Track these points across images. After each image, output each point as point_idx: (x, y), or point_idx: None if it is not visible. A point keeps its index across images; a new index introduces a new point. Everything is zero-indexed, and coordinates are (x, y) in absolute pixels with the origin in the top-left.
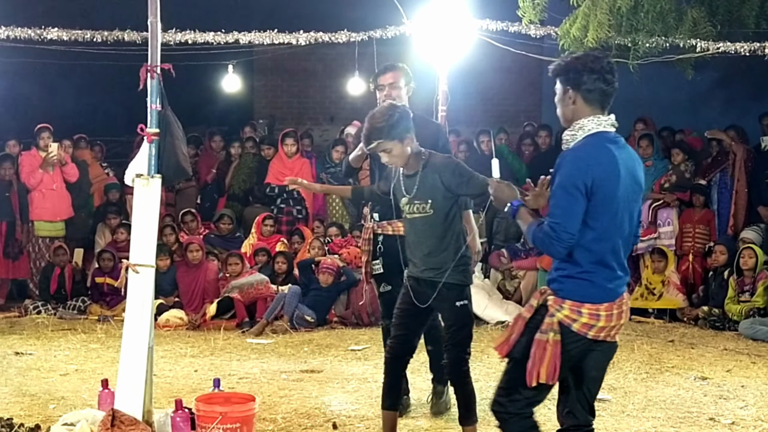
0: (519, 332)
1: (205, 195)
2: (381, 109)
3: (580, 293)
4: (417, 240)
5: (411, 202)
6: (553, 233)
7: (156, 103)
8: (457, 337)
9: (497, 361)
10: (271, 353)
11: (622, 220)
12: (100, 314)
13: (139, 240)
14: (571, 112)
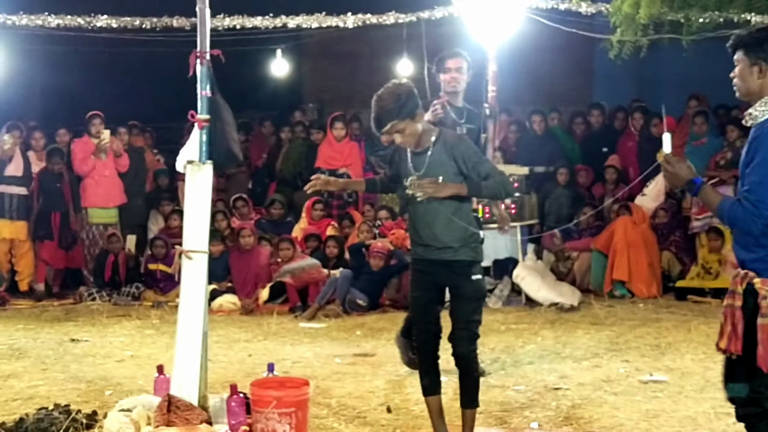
0: (741, 322)
1: (256, 180)
2: (387, 90)
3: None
4: (427, 220)
5: (420, 179)
6: (756, 210)
7: (206, 89)
8: (472, 311)
9: (551, 344)
10: (324, 337)
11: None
12: (154, 300)
13: (192, 226)
14: (758, 86)
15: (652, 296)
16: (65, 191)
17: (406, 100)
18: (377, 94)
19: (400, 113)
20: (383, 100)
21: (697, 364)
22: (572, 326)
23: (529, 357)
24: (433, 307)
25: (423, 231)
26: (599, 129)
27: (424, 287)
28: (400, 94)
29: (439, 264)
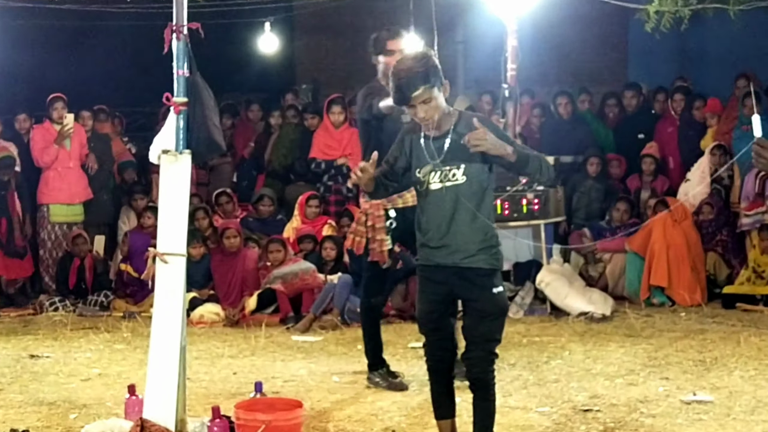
0: None
1: (242, 172)
2: (414, 55)
3: None
4: (441, 216)
5: (438, 168)
6: None
7: (183, 68)
8: (492, 330)
9: (580, 359)
10: (320, 352)
11: None
12: (126, 310)
13: (168, 226)
14: None
15: (696, 304)
16: (10, 200)
17: (435, 65)
18: (400, 59)
19: (431, 79)
20: (409, 64)
21: (747, 382)
22: (604, 339)
23: (554, 374)
24: (445, 321)
25: (437, 228)
26: (635, 113)
27: (434, 298)
28: (428, 57)
29: (452, 271)
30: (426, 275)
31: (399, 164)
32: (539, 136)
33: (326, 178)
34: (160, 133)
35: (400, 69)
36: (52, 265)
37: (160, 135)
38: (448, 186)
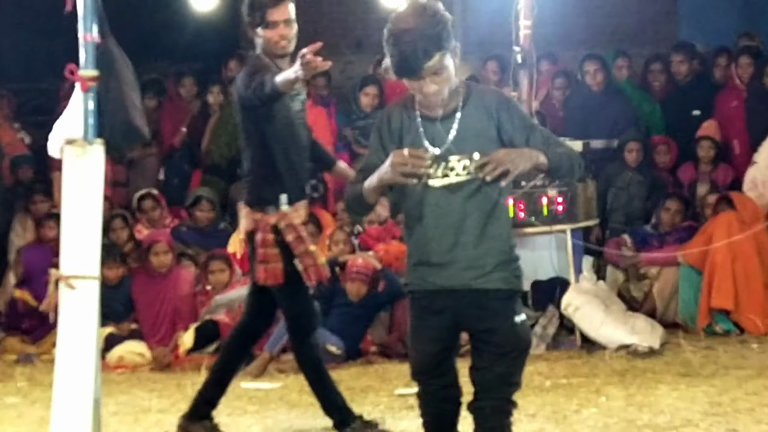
0: None
1: (172, 167)
2: (419, 8)
3: None
4: (447, 222)
5: (442, 159)
6: None
7: (91, 30)
8: (511, 372)
9: (621, 406)
10: (278, 403)
11: None
12: (21, 352)
13: (74, 239)
14: None
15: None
16: None
17: (447, 22)
18: (397, 15)
19: (442, 44)
20: (416, 22)
21: None
22: (652, 379)
23: (588, 427)
24: (448, 363)
25: (440, 238)
26: (688, 82)
27: (435, 334)
28: (438, 12)
29: (459, 295)
30: (423, 304)
31: (386, 153)
32: (563, 114)
33: None
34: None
35: (404, 29)
36: None
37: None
38: (456, 183)
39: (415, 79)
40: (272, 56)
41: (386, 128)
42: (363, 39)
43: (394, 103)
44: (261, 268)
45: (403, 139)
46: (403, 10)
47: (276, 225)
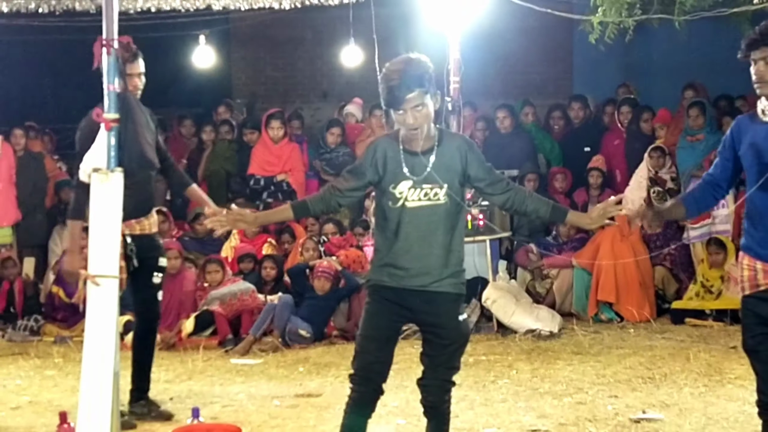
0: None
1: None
2: (408, 58)
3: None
4: (419, 236)
5: (418, 186)
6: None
7: (114, 83)
8: (453, 358)
9: (527, 378)
10: (260, 375)
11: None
12: (57, 335)
13: (99, 246)
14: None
15: (644, 320)
16: None
17: (429, 71)
18: (391, 62)
19: (423, 83)
20: (403, 66)
21: (697, 399)
22: (552, 357)
23: (501, 394)
24: (390, 346)
25: (414, 251)
26: (581, 125)
27: (389, 323)
28: (423, 61)
29: (417, 294)
30: (383, 295)
31: (368, 177)
32: (482, 149)
33: (266, 194)
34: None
35: (393, 70)
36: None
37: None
38: (428, 205)
39: (400, 111)
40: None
41: (374, 154)
42: (328, 91)
43: (382, 137)
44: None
45: (387, 166)
46: (396, 60)
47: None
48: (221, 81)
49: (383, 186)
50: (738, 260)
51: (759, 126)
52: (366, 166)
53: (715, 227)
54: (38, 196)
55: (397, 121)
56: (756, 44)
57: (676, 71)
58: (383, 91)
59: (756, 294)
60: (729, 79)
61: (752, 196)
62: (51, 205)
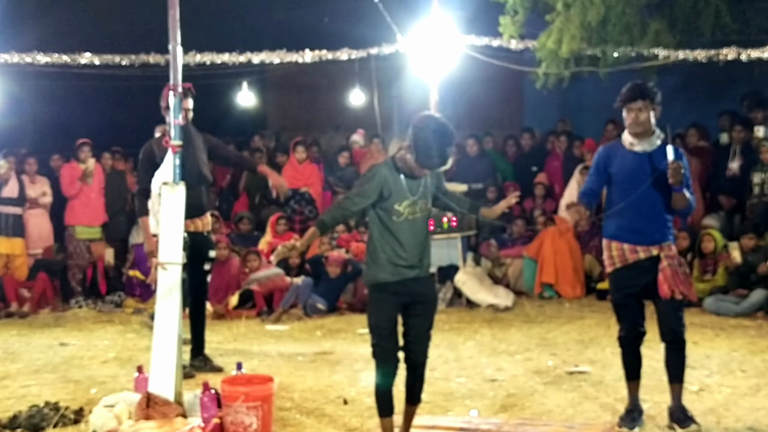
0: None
1: (223, 198)
2: (444, 120)
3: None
4: (416, 239)
5: (415, 202)
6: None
7: (178, 117)
8: (432, 321)
9: (488, 340)
10: (288, 338)
11: None
12: (135, 308)
13: (167, 240)
14: (651, 124)
15: (577, 297)
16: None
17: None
18: (439, 124)
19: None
20: (450, 129)
21: (616, 356)
22: (507, 324)
23: (469, 352)
24: (396, 328)
25: (413, 250)
26: (529, 150)
27: (394, 310)
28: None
29: (413, 282)
30: (389, 290)
31: (375, 196)
32: (455, 169)
33: (292, 202)
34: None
35: (448, 134)
36: (78, 272)
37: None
38: (421, 216)
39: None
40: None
41: (378, 180)
42: (340, 124)
43: (380, 166)
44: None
45: (390, 188)
46: (435, 118)
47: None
48: (258, 116)
49: (388, 204)
50: (605, 245)
51: (627, 152)
52: (372, 190)
53: None
54: (120, 203)
55: (416, 167)
56: (634, 98)
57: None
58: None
59: (625, 266)
60: None
61: (618, 200)
62: (130, 210)
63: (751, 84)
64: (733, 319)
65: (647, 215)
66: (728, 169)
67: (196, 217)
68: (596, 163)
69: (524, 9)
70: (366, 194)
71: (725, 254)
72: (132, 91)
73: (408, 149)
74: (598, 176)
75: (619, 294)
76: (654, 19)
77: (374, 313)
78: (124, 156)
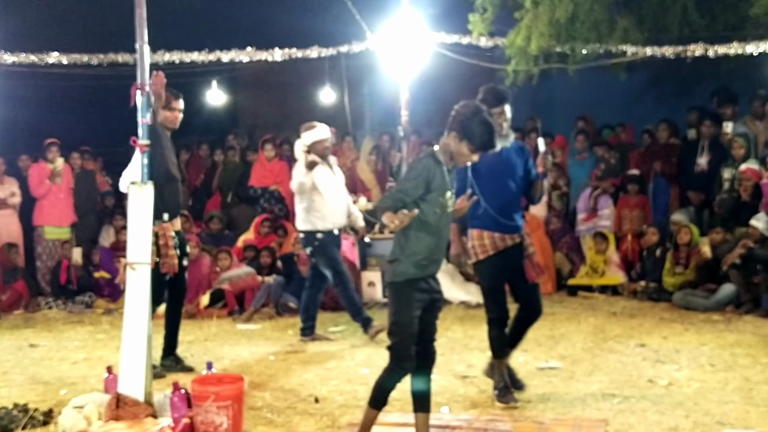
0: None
1: (196, 197)
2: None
3: None
4: (447, 233)
5: (453, 194)
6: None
7: (146, 116)
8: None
9: (460, 337)
10: (259, 337)
11: None
12: (105, 308)
13: (135, 240)
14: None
15: (548, 293)
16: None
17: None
18: (481, 108)
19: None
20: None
21: (586, 351)
22: (478, 321)
23: (441, 349)
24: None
25: (444, 244)
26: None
27: (420, 308)
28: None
29: (433, 278)
30: (419, 286)
31: (423, 189)
32: None
33: (262, 200)
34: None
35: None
36: (47, 273)
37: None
38: (452, 209)
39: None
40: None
41: (426, 173)
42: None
43: (425, 157)
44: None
45: (438, 179)
46: (481, 108)
47: (157, 232)
48: (230, 115)
49: (433, 197)
50: (476, 235)
51: (490, 155)
52: (423, 180)
53: (600, 223)
54: (90, 203)
55: (470, 156)
56: (498, 103)
57: (570, 107)
58: (489, 134)
59: (497, 253)
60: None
61: (486, 193)
62: (99, 210)
63: (719, 80)
64: (702, 313)
65: (510, 206)
66: (696, 165)
67: (179, 216)
68: (465, 169)
69: (493, 6)
70: (419, 185)
71: (697, 249)
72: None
73: (456, 138)
74: (461, 181)
75: (493, 280)
76: (622, 16)
77: (405, 311)
78: (93, 156)
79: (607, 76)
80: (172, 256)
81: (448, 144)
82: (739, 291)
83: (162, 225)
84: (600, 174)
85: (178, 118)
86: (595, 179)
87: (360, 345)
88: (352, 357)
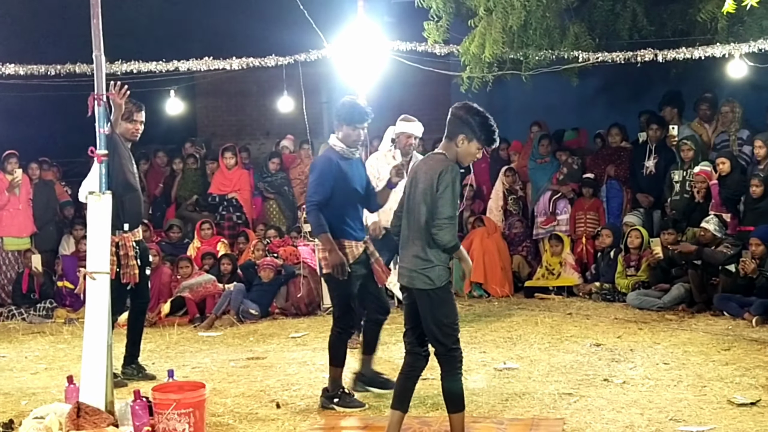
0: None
1: (155, 206)
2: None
3: None
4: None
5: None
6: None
7: (104, 127)
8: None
9: None
10: (220, 344)
11: None
12: (66, 317)
13: (94, 250)
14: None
15: (505, 295)
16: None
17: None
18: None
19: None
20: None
21: (543, 352)
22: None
23: (400, 352)
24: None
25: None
26: None
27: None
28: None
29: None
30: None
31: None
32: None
33: (221, 208)
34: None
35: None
36: (7, 284)
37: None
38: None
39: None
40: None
41: (458, 179)
42: (270, 130)
43: (454, 164)
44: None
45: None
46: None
47: (118, 242)
48: (188, 123)
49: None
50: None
51: (342, 161)
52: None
53: (558, 227)
54: (49, 213)
55: (477, 152)
56: (363, 121)
57: (524, 112)
58: (493, 131)
59: (356, 261)
60: (563, 117)
61: (341, 201)
62: (59, 220)
63: (669, 84)
64: (656, 312)
65: (359, 214)
66: (644, 168)
67: (140, 226)
68: (329, 172)
69: (447, 14)
70: (458, 193)
71: (648, 250)
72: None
73: (465, 140)
74: (329, 183)
75: (353, 286)
76: (573, 23)
77: (452, 313)
78: (51, 166)
79: (560, 82)
80: (133, 266)
81: (454, 147)
82: (692, 290)
83: (122, 235)
84: (561, 178)
85: (140, 130)
86: (555, 183)
87: (321, 350)
88: (314, 362)
